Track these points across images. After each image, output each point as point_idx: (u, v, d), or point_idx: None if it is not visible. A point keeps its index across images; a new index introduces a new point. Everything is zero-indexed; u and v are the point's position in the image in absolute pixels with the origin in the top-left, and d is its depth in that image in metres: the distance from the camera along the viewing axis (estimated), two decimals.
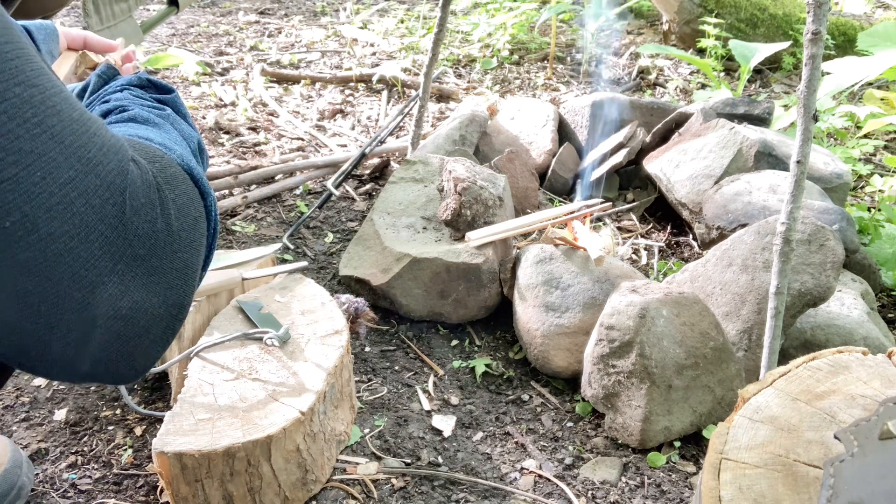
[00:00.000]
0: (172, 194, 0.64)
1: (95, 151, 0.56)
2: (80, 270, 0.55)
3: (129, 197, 0.58)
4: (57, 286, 0.54)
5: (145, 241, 0.60)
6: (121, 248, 0.57)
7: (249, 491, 1.18)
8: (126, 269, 0.58)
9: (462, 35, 4.04)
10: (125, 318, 0.59)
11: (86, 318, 0.56)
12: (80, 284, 0.55)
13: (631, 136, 2.32)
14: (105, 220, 0.56)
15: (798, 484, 0.78)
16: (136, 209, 0.59)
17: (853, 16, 4.05)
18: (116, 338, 0.60)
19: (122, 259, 0.58)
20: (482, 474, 1.38)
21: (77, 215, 0.54)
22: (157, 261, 0.61)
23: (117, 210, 0.57)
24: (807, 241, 1.55)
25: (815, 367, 0.95)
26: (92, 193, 0.55)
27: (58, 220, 0.53)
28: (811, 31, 1.21)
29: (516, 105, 2.62)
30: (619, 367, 1.42)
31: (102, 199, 0.56)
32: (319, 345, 1.36)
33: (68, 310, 0.55)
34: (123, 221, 0.57)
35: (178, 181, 0.67)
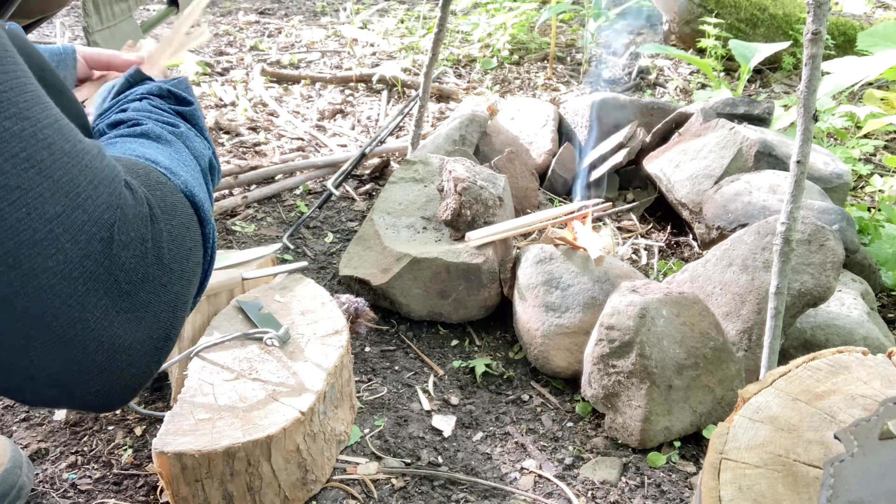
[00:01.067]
0: (168, 225, 0.64)
1: (85, 185, 0.55)
2: (62, 307, 0.54)
3: (117, 231, 0.57)
4: (38, 321, 0.53)
5: (132, 276, 0.59)
6: (106, 283, 0.57)
7: (249, 491, 1.18)
8: (111, 304, 0.57)
9: (462, 35, 4.04)
10: (108, 352, 0.58)
11: (66, 352, 0.56)
12: (61, 320, 0.54)
13: (631, 136, 2.32)
14: (90, 257, 0.55)
15: (798, 484, 0.78)
16: (125, 244, 0.58)
17: (853, 16, 4.05)
18: (99, 371, 0.59)
19: (108, 294, 0.57)
20: (482, 474, 1.38)
21: (62, 251, 0.53)
22: (146, 294, 0.61)
23: (104, 246, 0.56)
24: (807, 241, 1.55)
25: (815, 367, 0.95)
26: (78, 229, 0.54)
27: (41, 256, 0.52)
28: (811, 31, 1.21)
29: (516, 105, 2.62)
30: (619, 367, 1.42)
31: (89, 234, 0.55)
32: (319, 345, 1.36)
33: (48, 344, 0.55)
34: (110, 257, 0.57)
35: (176, 210, 0.66)
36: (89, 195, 0.56)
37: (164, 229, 0.63)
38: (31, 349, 0.54)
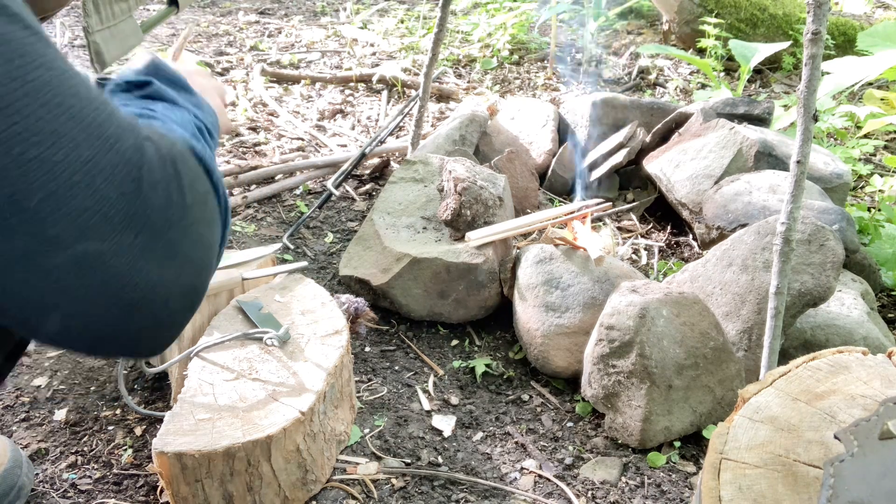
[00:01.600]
0: (185, 169, 0.66)
1: (113, 130, 0.58)
2: (103, 245, 0.57)
3: (146, 172, 0.60)
4: (80, 262, 0.56)
5: (162, 215, 0.62)
6: (140, 222, 0.60)
7: (249, 491, 1.18)
8: (145, 242, 0.60)
9: (462, 35, 4.04)
10: (144, 290, 0.61)
11: (108, 290, 0.59)
12: (101, 260, 0.57)
13: (631, 136, 2.32)
14: (125, 196, 0.58)
15: (798, 484, 0.78)
16: (153, 184, 0.61)
17: (853, 16, 4.05)
18: (137, 310, 0.61)
19: (142, 233, 0.60)
20: (482, 474, 1.38)
21: (98, 191, 0.56)
22: (174, 234, 0.63)
23: (135, 185, 0.59)
24: (807, 241, 1.55)
25: (815, 367, 0.95)
26: (111, 170, 0.57)
27: (80, 196, 0.55)
28: (811, 31, 1.21)
29: (516, 105, 2.62)
30: (619, 367, 1.42)
31: (122, 175, 0.58)
32: (319, 345, 1.36)
33: (91, 284, 0.58)
34: (142, 196, 0.59)
35: (185, 158, 0.69)
36: (118, 138, 0.59)
37: (182, 172, 0.65)
38: (74, 288, 0.57)
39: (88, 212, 0.56)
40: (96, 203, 0.56)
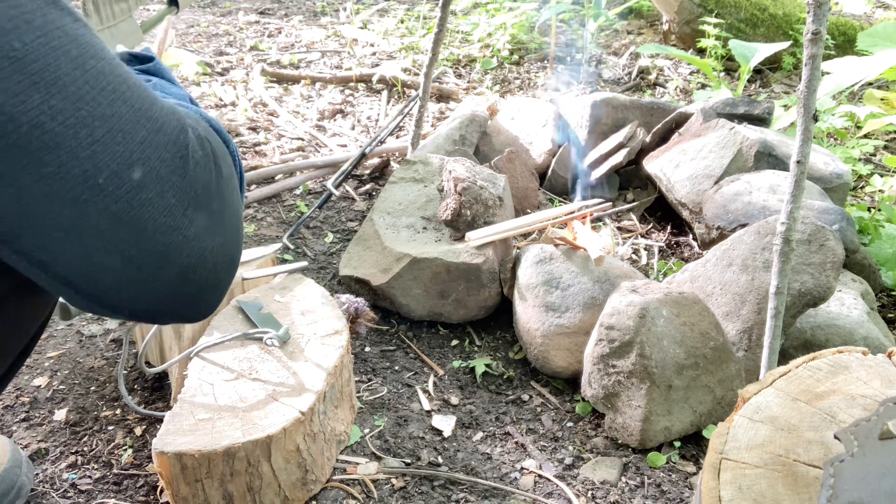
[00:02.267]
0: (214, 148, 0.72)
1: (159, 113, 0.65)
2: (160, 217, 0.63)
3: (191, 151, 0.66)
4: (142, 233, 0.63)
5: (206, 189, 0.68)
6: (189, 195, 0.66)
7: (249, 491, 1.18)
8: (194, 213, 0.67)
9: (462, 35, 4.04)
10: (197, 257, 0.68)
11: (168, 258, 0.65)
12: (161, 229, 0.64)
13: (631, 136, 2.32)
14: (176, 172, 0.64)
15: (798, 484, 0.78)
16: (197, 161, 0.67)
17: (853, 16, 4.05)
18: (192, 274, 0.68)
19: (191, 205, 0.66)
20: (482, 474, 1.38)
21: (154, 170, 0.62)
22: (217, 204, 0.70)
23: (183, 163, 0.65)
24: (807, 241, 1.56)
25: (815, 367, 0.95)
26: (163, 149, 0.64)
27: (139, 173, 0.61)
28: (811, 31, 1.21)
29: (516, 105, 2.62)
30: (619, 367, 1.42)
31: (172, 153, 0.64)
32: (319, 345, 1.36)
33: (153, 252, 0.64)
34: (188, 172, 0.66)
35: (211, 134, 0.74)
36: (165, 121, 0.65)
37: (215, 148, 0.72)
38: (138, 258, 0.64)
39: (146, 189, 0.62)
40: (152, 181, 0.62)
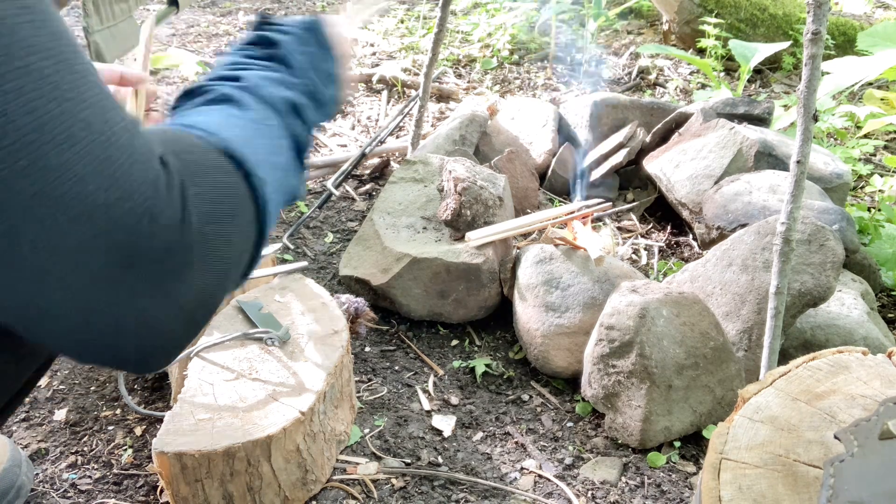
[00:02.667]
0: (199, 188, 0.65)
1: (121, 163, 0.59)
2: (96, 279, 0.58)
3: (151, 205, 0.60)
4: (75, 294, 0.57)
5: (165, 247, 0.61)
6: (136, 255, 0.59)
7: (249, 491, 1.18)
8: (140, 278, 0.60)
9: (462, 35, 4.04)
10: (137, 320, 0.61)
11: (101, 320, 0.60)
12: (95, 292, 0.58)
13: (631, 136, 2.32)
14: (124, 229, 0.58)
15: (798, 484, 0.78)
16: (155, 216, 0.60)
17: (853, 16, 4.05)
18: (132, 335, 0.62)
19: (139, 269, 0.60)
20: (482, 474, 1.38)
21: (98, 225, 0.57)
22: (176, 264, 0.62)
23: (136, 220, 0.59)
24: (807, 241, 1.55)
25: (815, 367, 0.95)
26: (113, 205, 0.57)
27: (81, 230, 0.56)
28: (811, 31, 1.21)
29: (516, 105, 2.62)
30: (619, 367, 1.42)
31: (123, 210, 0.58)
32: (319, 345, 1.36)
33: (84, 311, 0.59)
34: (142, 230, 0.59)
35: (208, 172, 0.68)
36: (124, 172, 0.58)
37: (192, 194, 0.64)
38: (69, 318, 0.59)
39: (85, 248, 0.56)
40: (95, 238, 0.57)
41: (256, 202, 0.72)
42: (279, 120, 0.80)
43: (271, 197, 0.74)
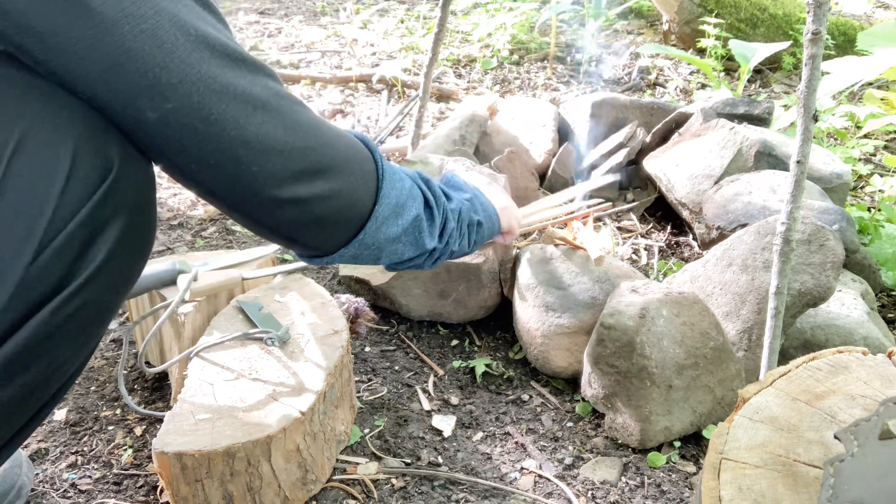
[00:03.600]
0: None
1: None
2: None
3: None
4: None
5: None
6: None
7: (249, 491, 1.18)
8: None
9: (462, 35, 4.04)
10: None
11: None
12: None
13: (631, 136, 2.32)
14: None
15: (798, 484, 0.78)
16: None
17: (853, 16, 4.05)
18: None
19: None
20: (482, 474, 1.38)
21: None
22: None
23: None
24: (807, 241, 1.56)
25: (815, 367, 0.95)
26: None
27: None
28: (811, 31, 1.21)
29: (516, 105, 2.62)
30: (619, 367, 1.42)
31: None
32: (319, 345, 1.36)
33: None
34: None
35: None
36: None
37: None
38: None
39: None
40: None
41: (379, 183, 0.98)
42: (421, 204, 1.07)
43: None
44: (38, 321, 0.75)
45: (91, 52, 0.70)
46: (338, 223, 0.91)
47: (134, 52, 0.70)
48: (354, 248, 0.96)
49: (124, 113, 0.74)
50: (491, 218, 1.25)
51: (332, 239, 0.94)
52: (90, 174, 0.74)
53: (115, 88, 0.72)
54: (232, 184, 0.81)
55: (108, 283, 0.80)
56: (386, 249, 1.00)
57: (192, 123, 0.75)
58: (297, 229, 0.89)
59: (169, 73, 0.72)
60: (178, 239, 2.13)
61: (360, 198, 0.93)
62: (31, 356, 0.76)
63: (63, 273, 0.75)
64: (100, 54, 0.70)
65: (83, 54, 0.70)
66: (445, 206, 1.08)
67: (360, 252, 0.97)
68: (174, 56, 0.72)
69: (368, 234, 0.95)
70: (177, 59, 0.72)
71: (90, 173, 0.74)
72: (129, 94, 0.72)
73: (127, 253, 0.81)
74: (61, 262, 0.74)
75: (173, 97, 0.73)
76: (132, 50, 0.70)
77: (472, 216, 1.18)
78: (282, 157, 0.81)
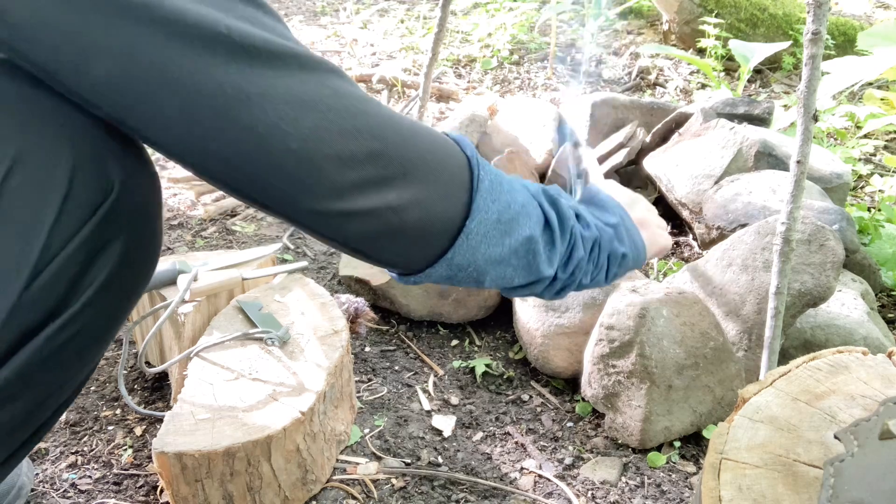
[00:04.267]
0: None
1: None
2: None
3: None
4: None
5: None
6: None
7: (249, 491, 1.18)
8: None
9: (462, 35, 4.04)
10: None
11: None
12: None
13: (631, 136, 2.32)
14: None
15: (798, 484, 0.78)
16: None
17: (853, 16, 4.05)
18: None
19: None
20: (482, 474, 1.38)
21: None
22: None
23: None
24: (807, 241, 1.55)
25: (815, 367, 0.95)
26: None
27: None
28: (811, 31, 1.21)
29: (516, 105, 2.62)
30: (619, 367, 1.42)
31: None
32: (319, 345, 1.36)
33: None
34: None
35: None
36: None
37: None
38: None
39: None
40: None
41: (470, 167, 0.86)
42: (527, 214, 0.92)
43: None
44: (31, 349, 0.72)
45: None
46: (417, 238, 0.79)
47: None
48: (445, 268, 0.82)
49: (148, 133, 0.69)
50: (637, 247, 1.06)
51: (414, 255, 0.81)
52: (90, 192, 0.70)
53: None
54: (281, 196, 0.71)
55: (107, 305, 0.76)
56: (489, 273, 0.86)
57: (226, 137, 0.66)
58: (366, 243, 0.77)
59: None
60: (178, 239, 2.13)
61: (444, 209, 0.79)
62: (24, 384, 0.73)
63: (59, 298, 0.71)
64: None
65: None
66: (575, 232, 0.92)
67: (453, 273, 0.84)
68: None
69: (459, 253, 0.81)
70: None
71: (90, 191, 0.70)
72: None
73: (129, 273, 0.77)
74: (57, 287, 0.71)
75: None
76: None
77: (616, 247, 1.00)
78: (338, 164, 0.70)
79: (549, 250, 0.89)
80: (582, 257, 0.93)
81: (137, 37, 0.61)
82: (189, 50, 0.62)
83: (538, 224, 0.87)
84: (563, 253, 0.91)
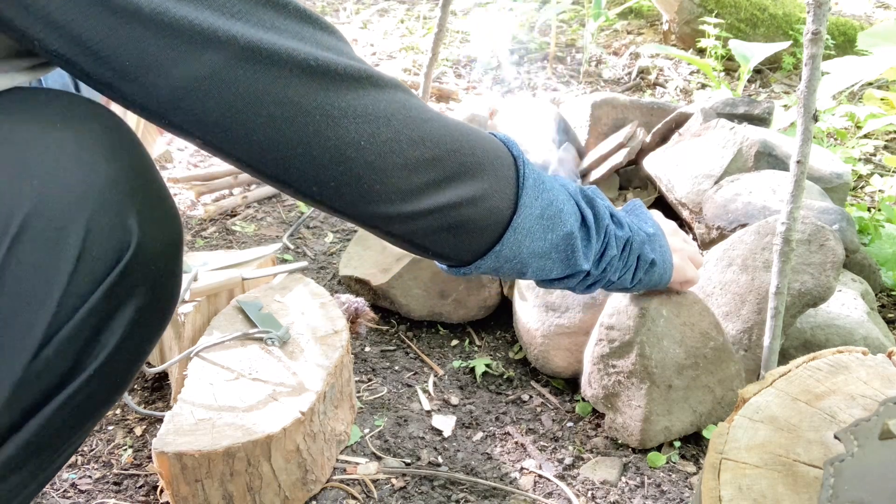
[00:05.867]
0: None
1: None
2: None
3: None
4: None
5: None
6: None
7: (249, 491, 1.18)
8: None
9: (462, 35, 4.04)
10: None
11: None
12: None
13: (631, 136, 2.32)
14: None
15: (798, 484, 0.78)
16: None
17: (853, 16, 4.05)
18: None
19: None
20: (482, 474, 1.38)
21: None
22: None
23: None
24: (807, 241, 1.55)
25: (815, 367, 0.95)
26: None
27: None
28: (811, 31, 1.21)
29: (516, 105, 2.62)
30: (619, 367, 1.42)
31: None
32: (319, 345, 1.36)
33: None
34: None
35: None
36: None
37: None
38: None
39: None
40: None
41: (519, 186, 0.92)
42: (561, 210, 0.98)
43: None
44: (39, 420, 0.69)
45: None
46: (472, 232, 0.86)
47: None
48: (493, 260, 0.90)
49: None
50: (665, 262, 1.17)
51: (467, 248, 0.88)
52: (105, 252, 0.66)
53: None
54: (354, 202, 0.77)
55: (120, 367, 0.73)
56: (531, 265, 0.94)
57: (310, 153, 0.71)
58: (427, 239, 0.84)
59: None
60: None
61: (496, 204, 0.86)
62: (33, 451, 0.71)
63: (70, 366, 0.68)
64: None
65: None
66: (609, 230, 1.00)
67: (500, 265, 0.91)
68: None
69: (507, 246, 0.88)
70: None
71: (105, 251, 0.66)
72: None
73: (144, 332, 0.74)
74: (68, 355, 0.67)
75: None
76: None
77: (646, 250, 1.09)
78: (406, 171, 0.77)
79: (585, 246, 0.96)
80: (614, 256, 1.02)
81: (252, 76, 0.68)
82: (290, 80, 0.70)
83: (577, 221, 0.94)
84: (597, 249, 0.99)
